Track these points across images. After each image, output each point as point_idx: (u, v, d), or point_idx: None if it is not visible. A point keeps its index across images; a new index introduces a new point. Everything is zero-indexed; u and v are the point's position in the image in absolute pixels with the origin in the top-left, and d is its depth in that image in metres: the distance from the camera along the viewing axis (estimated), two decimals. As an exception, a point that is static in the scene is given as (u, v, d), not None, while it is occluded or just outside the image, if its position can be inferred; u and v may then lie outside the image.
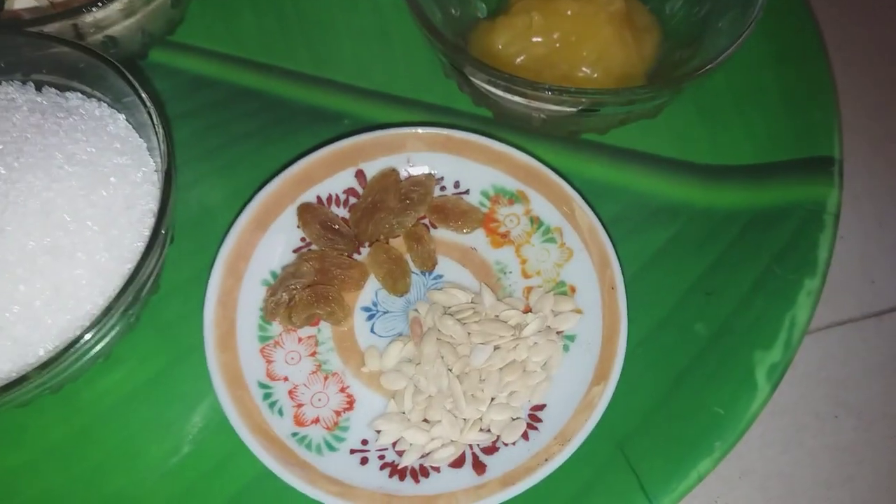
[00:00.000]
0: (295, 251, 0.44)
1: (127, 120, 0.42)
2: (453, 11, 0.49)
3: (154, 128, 0.39)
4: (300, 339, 0.42)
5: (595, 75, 0.47)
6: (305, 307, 0.41)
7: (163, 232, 0.37)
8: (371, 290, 0.43)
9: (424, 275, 0.44)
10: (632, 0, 0.50)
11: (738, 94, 0.50)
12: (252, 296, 0.42)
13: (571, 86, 0.40)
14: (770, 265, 0.43)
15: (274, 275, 0.43)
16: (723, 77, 0.50)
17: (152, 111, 0.39)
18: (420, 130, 0.45)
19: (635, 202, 0.47)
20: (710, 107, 0.49)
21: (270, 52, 0.52)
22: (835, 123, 0.46)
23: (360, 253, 0.44)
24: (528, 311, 0.42)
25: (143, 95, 0.39)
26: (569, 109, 0.41)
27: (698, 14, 0.48)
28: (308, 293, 0.41)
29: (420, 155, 0.46)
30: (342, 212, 0.45)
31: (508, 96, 0.42)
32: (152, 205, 0.39)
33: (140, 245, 0.38)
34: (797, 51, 0.51)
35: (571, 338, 0.41)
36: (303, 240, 0.44)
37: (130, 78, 0.39)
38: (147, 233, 0.38)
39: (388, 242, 0.44)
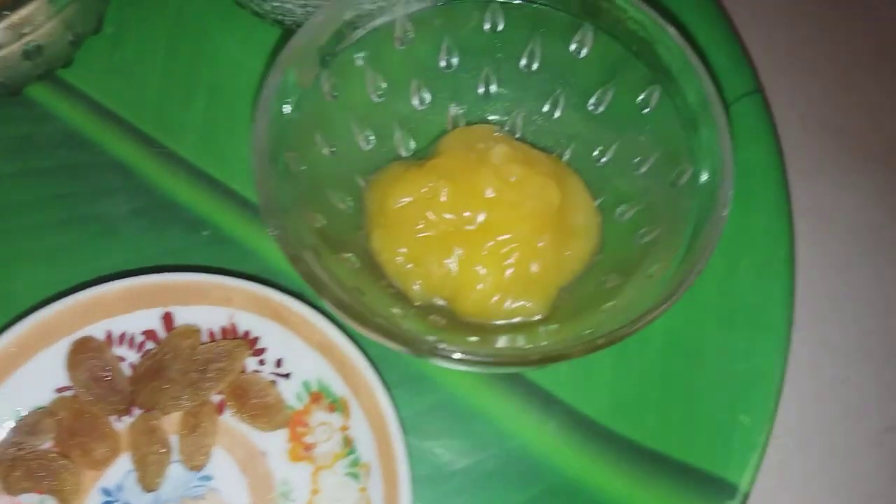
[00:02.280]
0: (59, 390, 0.36)
1: None
2: (362, 144, 0.39)
3: None
4: (13, 508, 0.34)
5: (492, 277, 0.37)
6: (26, 476, 0.34)
7: None
8: (122, 467, 0.35)
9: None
10: (578, 193, 0.39)
11: (667, 347, 0.38)
12: (-19, 436, 0.35)
13: (415, 332, 0.30)
14: None
15: (19, 417, 0.35)
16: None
17: None
18: (251, 287, 0.37)
19: (489, 442, 0.37)
20: (629, 350, 0.38)
21: (162, 125, 0.44)
22: (758, 453, 0.35)
23: (130, 414, 0.36)
24: (280, 567, 0.33)
25: None
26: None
27: (643, 238, 0.36)
28: (36, 460, 0.34)
29: (246, 316, 0.37)
30: (134, 356, 0.37)
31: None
32: None
33: None
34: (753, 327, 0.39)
35: None
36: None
37: None
38: None
39: (160, 416, 0.36)
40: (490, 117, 0.41)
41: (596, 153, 0.39)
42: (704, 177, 0.33)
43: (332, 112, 0.37)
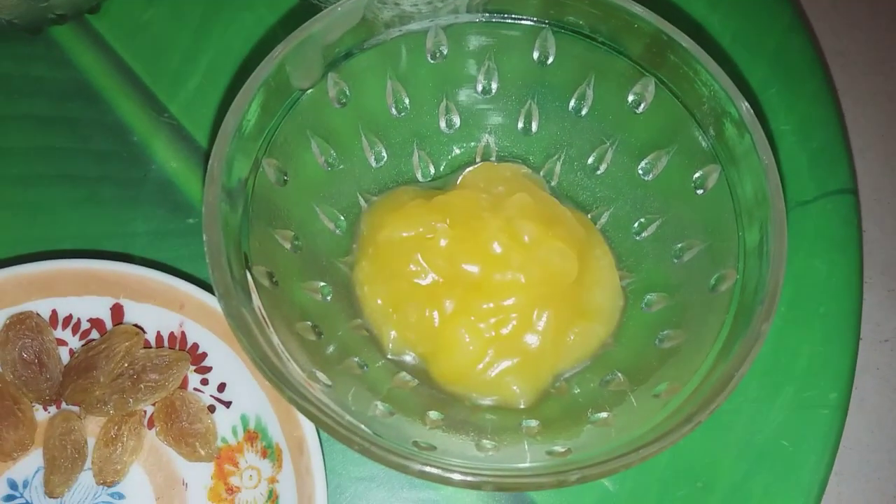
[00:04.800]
0: (-11, 364, 0.33)
1: None
2: (371, 160, 0.34)
3: None
4: None
5: (478, 344, 0.31)
6: (-77, 451, 0.31)
7: None
8: (35, 462, 0.32)
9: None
10: (604, 268, 0.33)
11: (672, 468, 0.32)
12: None
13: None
14: None
15: (-60, 381, 0.33)
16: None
17: None
18: (205, 299, 0.32)
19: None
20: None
21: (178, 94, 0.40)
22: None
23: (58, 406, 0.33)
24: None
25: None
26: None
27: (664, 342, 0.30)
28: (-63, 435, 0.31)
29: (195, 328, 0.33)
30: (76, 342, 0.34)
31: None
32: None
33: None
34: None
35: None
36: (5, 354, 0.33)
37: None
38: None
39: (84, 416, 0.32)
40: (526, 157, 0.36)
41: (636, 225, 0.33)
42: (746, 289, 0.27)
43: (337, 121, 0.32)
